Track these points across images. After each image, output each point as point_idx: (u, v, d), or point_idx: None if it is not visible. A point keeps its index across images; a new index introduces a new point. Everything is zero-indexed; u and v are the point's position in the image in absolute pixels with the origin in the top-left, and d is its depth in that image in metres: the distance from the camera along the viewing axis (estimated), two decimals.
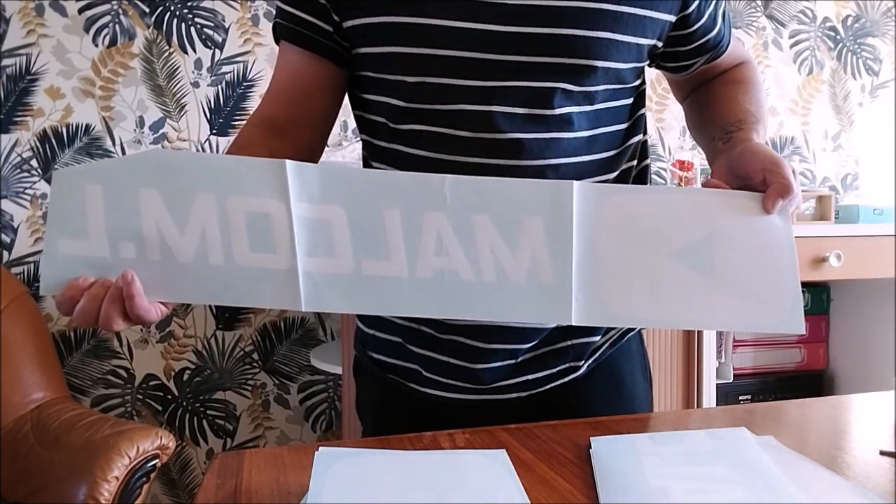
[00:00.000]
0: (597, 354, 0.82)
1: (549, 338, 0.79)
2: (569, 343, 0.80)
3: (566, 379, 0.81)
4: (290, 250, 0.58)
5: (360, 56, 0.74)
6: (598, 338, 0.81)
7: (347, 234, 0.59)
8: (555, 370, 0.80)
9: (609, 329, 0.83)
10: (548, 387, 0.80)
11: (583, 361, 0.81)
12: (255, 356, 2.15)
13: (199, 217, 0.58)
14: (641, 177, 0.84)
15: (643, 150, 0.84)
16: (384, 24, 0.70)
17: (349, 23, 0.72)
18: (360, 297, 0.59)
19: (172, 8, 2.04)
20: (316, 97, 0.79)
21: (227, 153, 0.75)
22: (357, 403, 0.92)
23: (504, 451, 0.57)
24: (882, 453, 0.59)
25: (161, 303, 0.58)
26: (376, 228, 0.59)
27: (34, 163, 1.98)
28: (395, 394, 0.84)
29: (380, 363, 0.85)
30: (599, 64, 0.71)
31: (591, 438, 0.62)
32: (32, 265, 1.98)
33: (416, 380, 0.82)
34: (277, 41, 0.80)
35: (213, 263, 0.57)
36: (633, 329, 0.86)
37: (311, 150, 0.81)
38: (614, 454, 0.58)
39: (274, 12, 0.80)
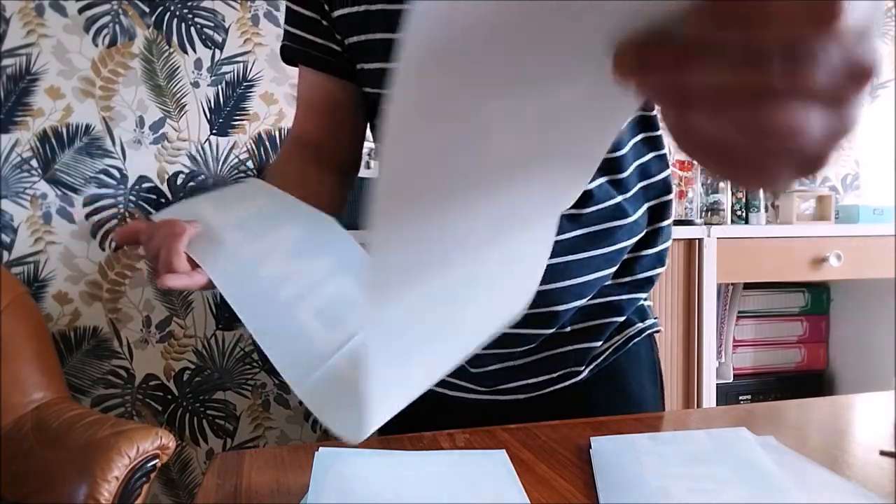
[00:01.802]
0: (599, 360, 0.81)
1: (548, 342, 0.79)
2: (569, 348, 0.79)
3: (567, 383, 0.80)
4: (338, 344, 0.54)
5: (361, 71, 0.76)
6: (599, 343, 0.81)
7: None
8: (555, 374, 0.80)
9: (612, 335, 0.82)
10: (548, 390, 0.80)
11: (584, 367, 0.80)
12: (255, 356, 2.15)
13: (309, 263, 0.58)
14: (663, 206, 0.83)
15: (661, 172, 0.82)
16: (376, 40, 0.71)
17: (350, 40, 0.74)
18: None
19: (172, 8, 2.04)
20: (339, 114, 0.81)
21: (273, 170, 0.78)
22: None
23: (504, 451, 0.57)
24: (882, 453, 0.59)
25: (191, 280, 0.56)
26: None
27: (34, 163, 1.97)
28: None
29: None
30: None
31: (592, 438, 0.62)
32: (32, 265, 1.98)
33: None
34: (288, 62, 0.82)
35: (281, 295, 0.55)
36: (641, 335, 0.84)
37: (351, 164, 0.85)
38: (614, 454, 0.58)
39: (273, 12, 0.81)
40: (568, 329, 0.79)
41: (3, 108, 1.95)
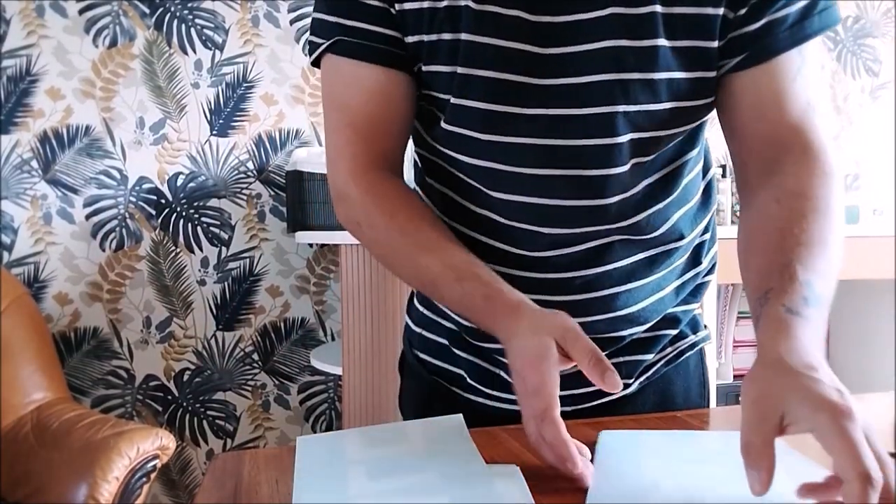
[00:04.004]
0: (649, 372, 0.79)
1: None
2: (620, 360, 0.76)
3: (615, 395, 0.76)
4: None
5: (419, 72, 0.69)
6: (650, 356, 0.78)
7: None
8: None
9: (664, 347, 0.79)
10: (595, 403, 0.77)
11: (633, 379, 0.78)
12: (256, 357, 2.15)
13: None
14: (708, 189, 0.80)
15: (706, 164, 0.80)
16: (443, 41, 0.65)
17: (411, 39, 0.67)
18: None
19: (173, 9, 2.04)
20: (406, 115, 0.70)
21: (395, 221, 0.67)
22: (400, 399, 0.91)
23: (517, 467, 0.57)
24: None
25: None
26: None
27: (34, 164, 1.98)
28: (440, 397, 0.82)
29: (425, 364, 0.84)
30: (659, 76, 0.63)
31: (603, 432, 0.62)
32: (32, 266, 1.98)
33: (460, 385, 0.80)
34: (315, 63, 0.71)
35: None
36: (693, 348, 0.82)
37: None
38: (619, 450, 0.58)
39: (274, 13, 0.78)
40: (624, 343, 0.77)
41: (3, 109, 1.95)
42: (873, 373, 2.11)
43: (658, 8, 0.61)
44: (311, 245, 2.18)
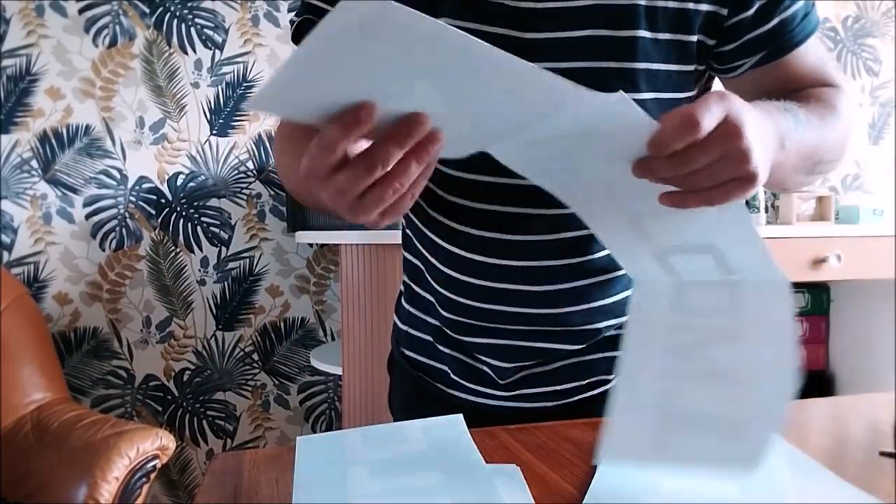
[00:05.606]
0: None
1: (579, 350, 0.77)
2: (600, 356, 0.77)
3: (596, 392, 0.78)
4: None
5: None
6: None
7: None
8: (584, 382, 0.78)
9: None
10: (576, 398, 0.78)
11: (613, 375, 0.78)
12: (255, 357, 2.15)
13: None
14: None
15: None
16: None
17: None
18: None
19: (172, 8, 2.04)
20: None
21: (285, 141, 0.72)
22: (389, 398, 0.92)
23: (517, 467, 0.57)
24: (882, 454, 0.59)
25: None
26: None
27: (34, 163, 1.98)
28: (425, 394, 0.83)
29: (412, 361, 0.85)
30: (638, 66, 0.64)
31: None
32: (32, 266, 1.98)
33: (444, 381, 0.81)
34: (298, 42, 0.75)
35: None
36: None
37: None
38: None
39: (273, 13, 0.79)
40: (601, 336, 0.78)
41: (3, 109, 1.95)
42: (873, 373, 2.11)
43: (641, 0, 0.63)
44: (311, 245, 2.18)
